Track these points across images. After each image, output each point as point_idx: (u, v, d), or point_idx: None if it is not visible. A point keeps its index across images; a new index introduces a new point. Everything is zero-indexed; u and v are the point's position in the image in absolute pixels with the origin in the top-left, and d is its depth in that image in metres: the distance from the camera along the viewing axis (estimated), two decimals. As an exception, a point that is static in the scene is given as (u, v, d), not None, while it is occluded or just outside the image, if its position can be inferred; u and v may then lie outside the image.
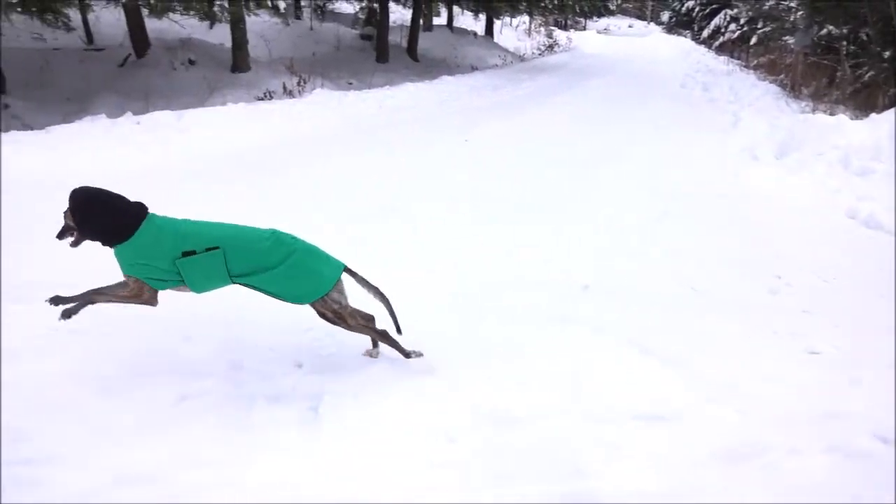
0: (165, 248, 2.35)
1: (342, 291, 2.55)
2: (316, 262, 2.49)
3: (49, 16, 7.76)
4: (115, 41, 12.23)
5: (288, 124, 7.66)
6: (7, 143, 6.23)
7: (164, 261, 2.34)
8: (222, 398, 2.45)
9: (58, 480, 1.98)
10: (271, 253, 2.41)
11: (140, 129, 6.86)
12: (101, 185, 2.59)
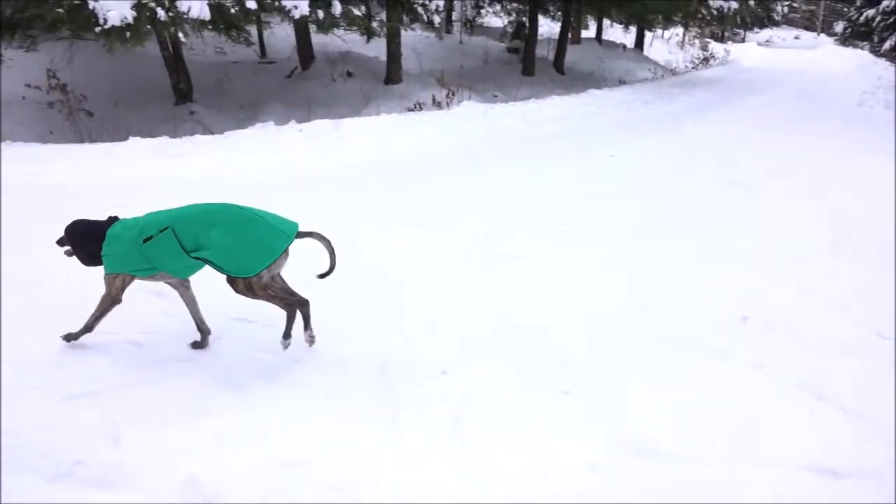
0: (129, 240, 2.55)
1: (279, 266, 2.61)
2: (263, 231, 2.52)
3: (233, 32, 8.64)
4: (284, 55, 13.34)
5: (436, 135, 7.88)
6: (192, 144, 6.98)
7: (133, 252, 2.55)
8: (370, 396, 2.55)
9: (223, 458, 2.16)
10: (220, 225, 2.49)
11: (302, 136, 7.38)
12: (266, 185, 2.80)
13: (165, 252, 2.53)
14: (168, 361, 2.75)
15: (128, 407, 2.43)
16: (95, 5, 6.31)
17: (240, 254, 2.50)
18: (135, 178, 5.91)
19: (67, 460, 2.11)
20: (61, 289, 3.30)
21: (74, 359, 2.78)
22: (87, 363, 2.76)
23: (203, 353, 2.83)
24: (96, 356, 2.80)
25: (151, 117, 9.09)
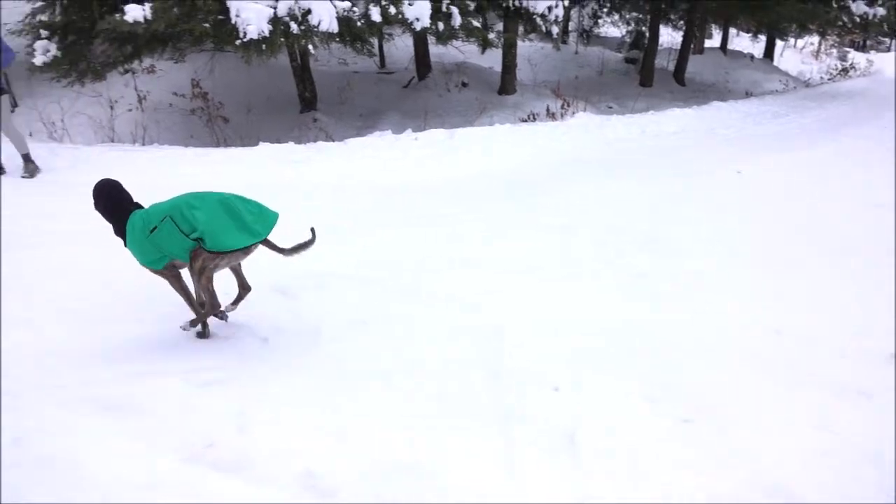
0: (141, 234, 2.71)
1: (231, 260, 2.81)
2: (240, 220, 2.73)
3: (358, 44, 9.02)
4: (402, 65, 13.76)
5: (550, 146, 7.81)
6: (315, 150, 7.33)
7: (147, 244, 2.72)
8: (481, 406, 2.54)
9: (339, 456, 2.22)
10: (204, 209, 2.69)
11: (417, 145, 7.56)
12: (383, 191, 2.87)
13: (170, 239, 2.70)
14: (291, 357, 2.89)
15: (254, 397, 2.56)
16: (237, 20, 6.79)
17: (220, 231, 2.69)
18: (263, 181, 6.28)
19: (201, 443, 2.26)
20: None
21: (207, 349, 2.99)
22: (219, 354, 2.95)
23: (325, 354, 2.92)
24: (227, 348, 2.99)
25: (279, 124, 9.66)
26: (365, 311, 3.35)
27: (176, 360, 2.87)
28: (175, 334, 3.08)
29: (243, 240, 2.75)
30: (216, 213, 2.71)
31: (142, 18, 6.65)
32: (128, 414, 2.45)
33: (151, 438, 2.30)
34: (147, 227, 2.72)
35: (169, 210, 2.73)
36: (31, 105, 9.78)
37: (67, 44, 7.59)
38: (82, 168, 6.76)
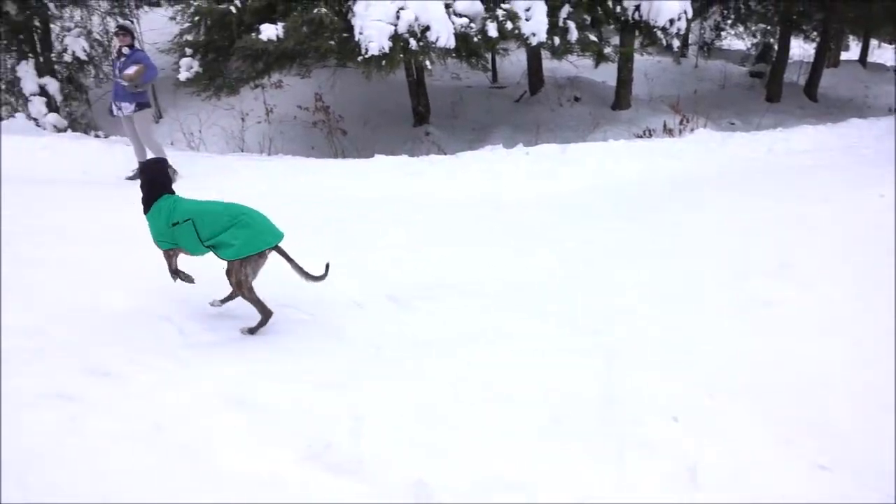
0: (163, 220, 3.10)
1: (256, 268, 3.12)
2: (253, 230, 3.04)
3: (473, 59, 9.16)
4: (514, 80, 13.79)
5: (667, 163, 7.51)
6: (427, 163, 7.49)
7: (165, 230, 3.11)
8: (594, 429, 2.46)
9: (451, 469, 2.23)
10: (225, 220, 3.01)
11: (529, 159, 7.52)
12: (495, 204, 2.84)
13: (186, 237, 3.09)
14: (404, 367, 2.94)
15: (368, 403, 2.63)
16: (360, 37, 7.11)
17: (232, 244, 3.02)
18: (378, 191, 6.51)
19: (318, 443, 2.34)
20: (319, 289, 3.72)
21: (324, 353, 3.11)
22: (334, 358, 3.07)
23: (437, 367, 2.95)
24: (342, 353, 3.11)
25: (393, 137, 9.98)
26: (477, 324, 3.36)
27: (295, 361, 3.01)
28: (296, 338, 3.24)
29: (257, 245, 3.07)
30: (230, 226, 3.05)
31: (274, 37, 7.11)
32: (253, 410, 2.59)
33: (273, 435, 2.42)
34: (171, 219, 3.10)
35: (194, 213, 3.08)
36: (174, 117, 10.73)
37: (208, 61, 8.25)
38: (216, 175, 7.32)
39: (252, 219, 3.11)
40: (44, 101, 9.93)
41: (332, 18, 7.15)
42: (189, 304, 3.59)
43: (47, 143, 8.58)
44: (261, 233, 3.08)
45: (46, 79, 10.05)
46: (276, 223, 3.24)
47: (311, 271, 3.21)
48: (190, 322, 3.38)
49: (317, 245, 4.79)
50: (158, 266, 3.79)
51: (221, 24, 7.68)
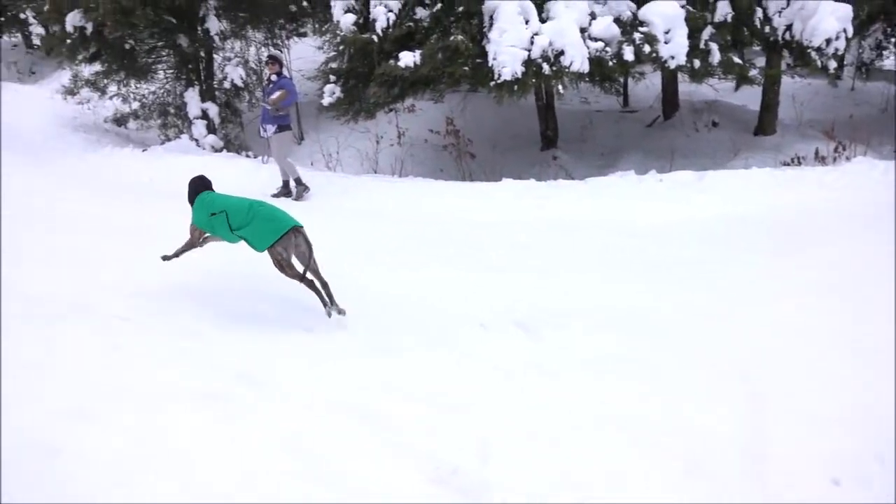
0: (205, 210, 3.82)
1: (286, 247, 3.61)
2: (269, 222, 3.63)
3: (607, 83, 8.99)
4: (646, 103, 13.34)
5: (820, 194, 6.89)
6: (555, 188, 7.40)
7: (205, 218, 3.83)
8: (735, 484, 2.27)
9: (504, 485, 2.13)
10: (247, 215, 3.64)
11: (662, 187, 7.21)
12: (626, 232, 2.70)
13: (220, 226, 3.75)
14: (532, 394, 2.89)
15: (495, 428, 2.60)
16: (494, 63, 7.21)
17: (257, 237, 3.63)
18: (505, 215, 6.52)
19: (446, 466, 2.35)
20: (441, 302, 3.76)
21: (451, 375, 3.13)
22: (461, 380, 3.08)
23: (566, 396, 2.87)
24: (469, 375, 3.11)
25: (520, 161, 9.98)
26: (608, 356, 3.24)
27: (420, 380, 3.05)
28: (420, 357, 3.28)
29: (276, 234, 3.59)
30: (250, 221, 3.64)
31: (412, 64, 7.39)
32: (379, 425, 2.65)
33: (400, 454, 2.45)
34: (209, 210, 3.82)
35: (227, 206, 3.76)
36: (315, 139, 11.44)
37: (348, 87, 8.73)
38: (350, 194, 7.69)
39: (266, 213, 3.70)
40: (204, 123, 10.96)
41: (467, 45, 7.31)
42: (317, 311, 3.77)
43: (205, 161, 9.45)
44: (274, 224, 3.64)
45: (208, 104, 11.10)
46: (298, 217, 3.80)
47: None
48: (325, 332, 3.55)
49: (444, 265, 4.90)
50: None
51: (363, 53, 8.11)
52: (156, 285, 4.24)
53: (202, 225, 3.93)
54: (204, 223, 3.90)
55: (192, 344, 3.43)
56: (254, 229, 3.63)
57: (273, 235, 3.59)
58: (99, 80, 11.89)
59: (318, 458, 2.42)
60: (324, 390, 2.94)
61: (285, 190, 7.58)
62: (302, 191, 7.53)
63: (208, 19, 10.63)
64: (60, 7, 9.88)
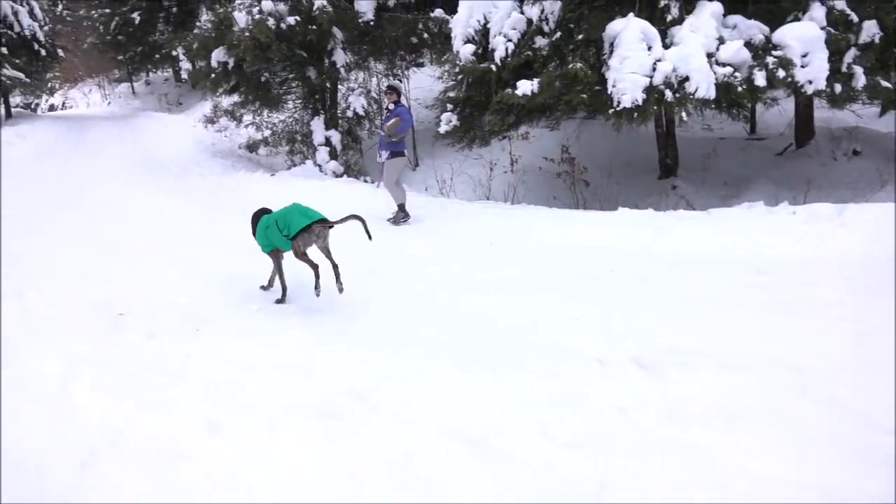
0: (261, 233, 4.52)
1: (304, 241, 4.25)
2: (290, 220, 4.26)
3: (734, 110, 8.55)
4: (775, 130, 12.53)
5: None
6: (675, 218, 7.07)
7: (262, 237, 4.52)
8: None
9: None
10: (287, 218, 4.32)
11: (796, 220, 6.68)
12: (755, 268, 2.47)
13: (275, 237, 4.39)
14: (653, 437, 2.73)
15: (614, 472, 2.48)
16: (613, 90, 7.07)
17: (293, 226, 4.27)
18: (621, 245, 6.31)
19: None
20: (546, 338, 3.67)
21: (564, 407, 3.02)
22: (576, 414, 2.96)
23: (690, 444, 2.69)
24: (585, 410, 2.99)
25: (636, 189, 9.67)
26: (733, 402, 3.00)
27: (532, 413, 2.97)
28: (533, 389, 3.21)
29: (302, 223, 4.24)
30: (295, 219, 4.28)
31: (529, 92, 7.41)
32: (492, 457, 2.60)
33: (515, 489, 2.39)
34: (265, 226, 4.46)
35: (276, 217, 4.41)
36: (429, 165, 11.74)
37: (465, 115, 8.90)
38: (463, 220, 7.78)
39: (292, 213, 4.32)
40: (327, 150, 11.59)
41: (585, 72, 7.23)
42: (420, 335, 3.80)
43: (327, 186, 9.97)
44: (297, 220, 4.26)
45: (331, 131, 11.74)
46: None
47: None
48: (427, 351, 3.57)
49: (556, 295, 4.80)
50: (402, 296, 4.09)
51: (481, 82, 8.25)
52: (271, 302, 4.52)
53: (265, 246, 4.53)
54: (264, 243, 4.52)
55: (304, 360, 3.58)
56: (291, 223, 4.28)
57: (296, 228, 4.24)
58: (236, 110, 12.94)
59: (426, 484, 2.42)
60: (435, 415, 2.94)
61: (403, 213, 7.79)
62: (401, 217, 7.75)
63: (335, 52, 11.28)
64: (207, 45, 10.87)
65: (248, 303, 4.54)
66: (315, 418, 2.90)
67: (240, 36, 9.95)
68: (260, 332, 3.99)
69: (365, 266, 5.38)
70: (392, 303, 4.66)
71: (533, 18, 7.78)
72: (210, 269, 5.37)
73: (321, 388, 3.22)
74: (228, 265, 5.47)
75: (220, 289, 4.87)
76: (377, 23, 11.10)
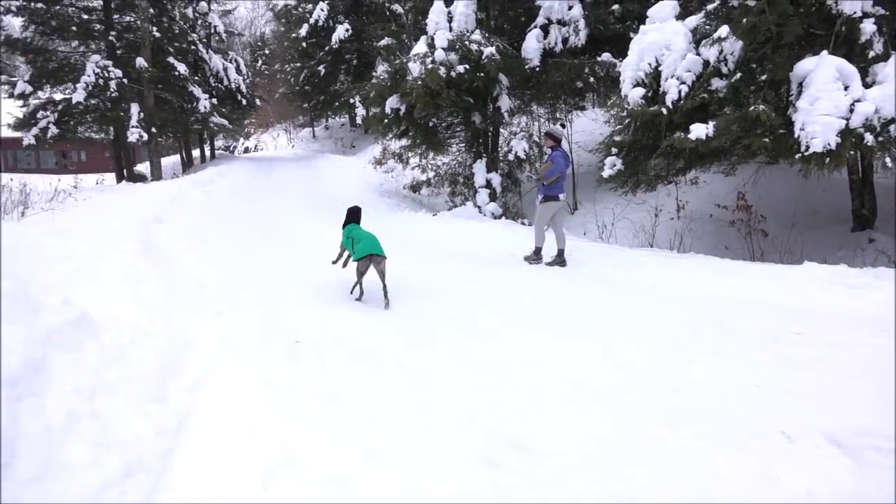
0: (345, 236, 5.97)
1: (365, 265, 5.57)
2: (358, 245, 5.67)
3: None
4: None
5: None
6: (873, 276, 6.24)
7: (346, 239, 5.99)
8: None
9: None
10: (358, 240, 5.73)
11: None
12: None
13: (347, 244, 5.90)
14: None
15: None
16: (801, 133, 6.48)
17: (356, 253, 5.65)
18: (806, 304, 5.68)
19: None
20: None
21: (757, 494, 2.72)
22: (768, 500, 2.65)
23: None
24: (773, 496, 2.67)
25: (824, 242, 8.71)
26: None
27: (724, 494, 2.70)
28: (719, 465, 2.93)
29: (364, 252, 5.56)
30: (362, 246, 5.60)
31: (703, 136, 7.03)
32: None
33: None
34: (346, 234, 5.98)
35: (353, 235, 5.82)
36: (589, 209, 11.53)
37: (630, 159, 8.64)
38: (624, 268, 7.47)
39: (363, 240, 5.68)
40: (487, 192, 11.83)
41: (769, 115, 6.70)
42: (578, 381, 3.62)
43: (486, 227, 10.13)
44: (362, 247, 5.58)
45: (492, 174, 11.99)
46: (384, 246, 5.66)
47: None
48: (589, 397, 3.40)
49: (730, 356, 4.38)
50: (559, 342, 3.96)
51: (650, 125, 7.98)
52: (421, 336, 4.60)
53: (345, 244, 6.01)
54: (346, 243, 5.99)
55: (465, 403, 3.58)
56: (356, 249, 5.66)
57: (358, 255, 5.59)
58: (404, 153, 13.73)
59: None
60: (591, 477, 2.78)
61: (559, 259, 7.70)
62: (533, 259, 7.81)
63: (500, 98, 11.57)
64: (383, 93, 11.68)
65: (419, 340, 4.68)
66: (476, 467, 2.86)
67: (412, 84, 10.57)
68: (413, 366, 4.10)
69: (522, 308, 5.34)
70: (541, 346, 4.57)
71: (710, 60, 7.41)
72: (377, 306, 5.63)
73: (481, 432, 3.20)
74: (398, 303, 5.70)
75: (388, 324, 5.08)
76: (543, 68, 11.25)
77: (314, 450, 2.98)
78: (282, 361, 4.13)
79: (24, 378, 2.25)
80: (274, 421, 3.26)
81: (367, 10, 25.18)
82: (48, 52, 17.25)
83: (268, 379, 3.80)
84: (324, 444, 3.02)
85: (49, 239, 5.71)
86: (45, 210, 7.99)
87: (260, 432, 3.13)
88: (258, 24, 50.71)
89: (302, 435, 3.12)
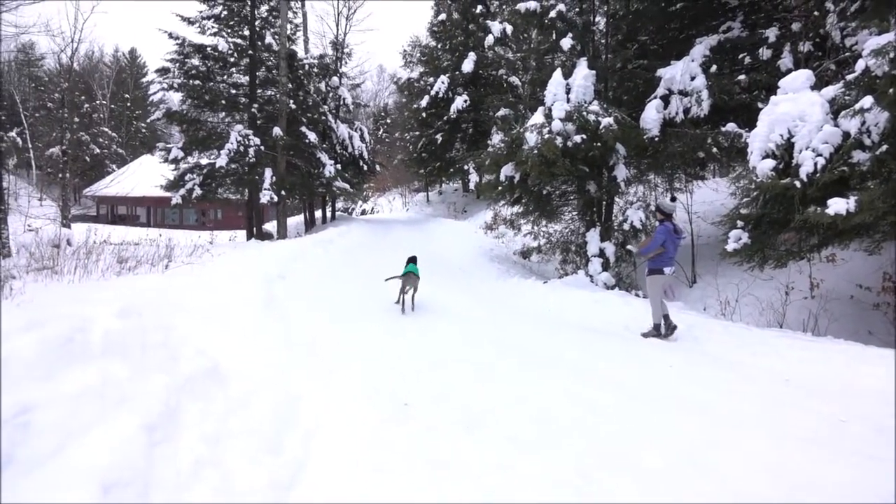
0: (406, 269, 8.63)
1: (403, 283, 8.23)
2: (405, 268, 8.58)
3: None
4: None
5: None
6: None
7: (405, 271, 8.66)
8: None
9: None
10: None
11: None
12: None
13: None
14: None
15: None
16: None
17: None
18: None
19: None
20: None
21: None
22: None
23: None
24: None
25: None
26: None
27: None
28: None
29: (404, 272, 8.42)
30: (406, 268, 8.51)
31: (843, 211, 6.51)
32: None
33: None
34: (407, 270, 8.38)
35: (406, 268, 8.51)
36: (710, 283, 10.92)
37: (758, 233, 8.14)
38: (748, 349, 6.91)
39: (408, 266, 8.42)
40: (600, 261, 11.55)
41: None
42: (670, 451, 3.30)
43: (599, 297, 9.84)
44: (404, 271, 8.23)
45: (606, 243, 11.73)
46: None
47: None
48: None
49: (888, 461, 3.85)
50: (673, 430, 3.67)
51: (781, 199, 7.53)
52: (539, 409, 4.41)
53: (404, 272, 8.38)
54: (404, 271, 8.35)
55: (579, 483, 3.38)
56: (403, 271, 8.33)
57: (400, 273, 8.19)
58: (516, 220, 13.79)
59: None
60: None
61: (655, 332, 7.45)
62: (651, 333, 7.60)
63: (617, 168, 11.44)
64: (498, 161, 11.92)
65: (519, 405, 4.55)
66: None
67: (528, 153, 10.71)
68: (530, 440, 3.94)
69: (653, 395, 5.03)
70: (655, 431, 4.25)
71: (850, 131, 6.93)
72: (488, 373, 5.55)
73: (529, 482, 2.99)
74: (508, 372, 5.59)
75: (492, 391, 4.98)
76: (662, 138, 11.04)
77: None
78: (389, 422, 4.14)
79: (160, 425, 2.39)
80: (380, 483, 3.24)
81: (484, 83, 26.18)
82: (199, 122, 19.29)
83: (375, 439, 3.82)
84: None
85: (188, 292, 6.20)
86: (185, 263, 8.71)
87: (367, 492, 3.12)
88: (382, 96, 54.25)
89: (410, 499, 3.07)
